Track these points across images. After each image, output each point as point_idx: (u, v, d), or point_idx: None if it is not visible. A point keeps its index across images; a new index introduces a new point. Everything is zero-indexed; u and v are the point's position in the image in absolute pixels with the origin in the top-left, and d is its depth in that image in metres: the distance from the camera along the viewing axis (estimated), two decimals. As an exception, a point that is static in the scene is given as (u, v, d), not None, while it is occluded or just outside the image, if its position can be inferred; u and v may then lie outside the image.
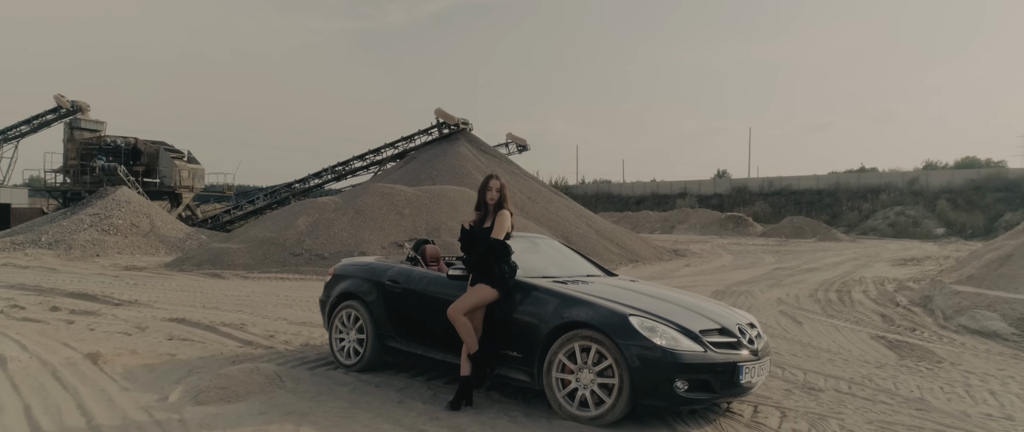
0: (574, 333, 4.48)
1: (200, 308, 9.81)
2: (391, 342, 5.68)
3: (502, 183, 5.01)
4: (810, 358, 7.09)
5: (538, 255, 5.80)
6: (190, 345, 6.97)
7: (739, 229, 40.23)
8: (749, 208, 48.40)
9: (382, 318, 5.72)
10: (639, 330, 4.30)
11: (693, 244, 29.93)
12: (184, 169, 35.72)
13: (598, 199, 57.71)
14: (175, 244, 23.32)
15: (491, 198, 4.96)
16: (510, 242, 5.00)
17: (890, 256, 23.73)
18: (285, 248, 17.31)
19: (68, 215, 25.44)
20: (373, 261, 6.19)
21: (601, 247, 21.20)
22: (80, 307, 9.51)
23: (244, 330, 7.90)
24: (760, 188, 53.77)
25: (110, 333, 7.58)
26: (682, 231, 41.24)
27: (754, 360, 4.54)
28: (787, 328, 8.96)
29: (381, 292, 5.75)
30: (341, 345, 6.02)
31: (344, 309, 6.02)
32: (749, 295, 12.39)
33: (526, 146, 34.72)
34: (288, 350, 6.82)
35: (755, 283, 14.60)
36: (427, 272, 5.59)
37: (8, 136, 38.26)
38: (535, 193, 25.37)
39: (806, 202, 49.33)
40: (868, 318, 9.98)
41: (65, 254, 20.84)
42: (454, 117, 28.67)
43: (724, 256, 23.58)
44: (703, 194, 55.09)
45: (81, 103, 36.33)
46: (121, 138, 35.50)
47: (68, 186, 33.13)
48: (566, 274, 5.50)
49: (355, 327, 5.92)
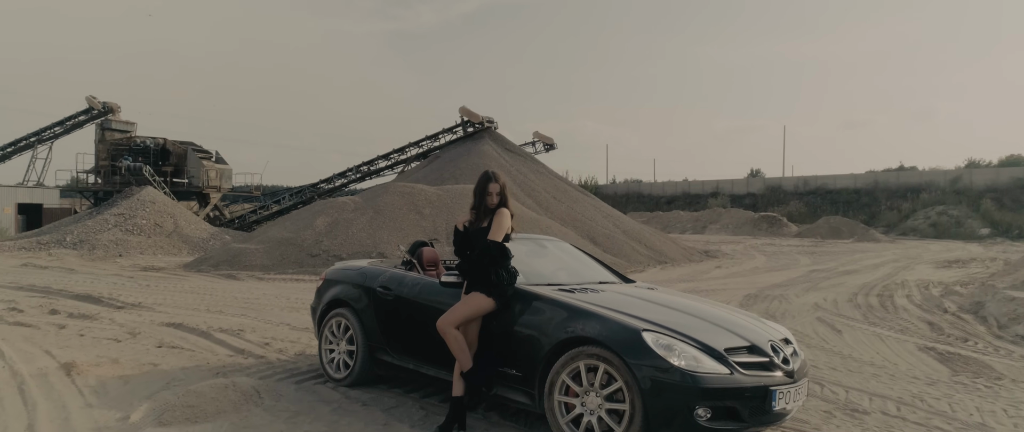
0: (579, 350, 3.88)
1: (203, 312, 9.41)
2: (382, 355, 5.15)
3: (502, 183, 4.44)
4: (852, 373, 6.40)
5: (544, 259, 5.21)
6: (177, 354, 6.52)
7: (773, 229, 39.10)
8: (783, 208, 47.13)
9: (373, 328, 5.19)
10: (653, 348, 3.69)
11: (725, 245, 29.03)
12: (212, 169, 35.82)
13: (628, 199, 56.79)
14: (198, 244, 23.16)
15: (491, 202, 4.40)
16: (510, 245, 4.44)
17: (933, 258, 22.63)
18: (303, 249, 16.94)
19: (93, 215, 25.48)
20: (366, 265, 5.66)
21: (628, 248, 20.52)
22: (80, 310, 9.16)
23: (240, 337, 7.45)
24: (795, 187, 52.39)
25: (99, 339, 7.18)
26: (714, 231, 40.22)
27: (789, 383, 3.90)
28: (825, 337, 8.26)
29: (372, 300, 5.22)
30: (330, 357, 5.51)
31: (334, 318, 5.50)
32: (783, 300, 11.65)
33: (553, 145, 34.11)
34: (280, 360, 6.33)
35: (790, 286, 13.83)
36: (420, 278, 5.03)
37: (42, 137, 38.74)
38: (561, 192, 24.74)
39: (843, 201, 47.89)
40: (914, 326, 9.21)
41: (88, 254, 20.77)
42: (478, 115, 28.16)
43: (757, 257, 22.72)
44: (736, 193, 53.86)
45: (112, 104, 36.64)
46: (150, 139, 35.74)
47: (99, 186, 33.37)
48: (575, 281, 4.90)
49: (345, 337, 5.40)
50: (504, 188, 4.43)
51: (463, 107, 28.35)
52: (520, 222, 18.90)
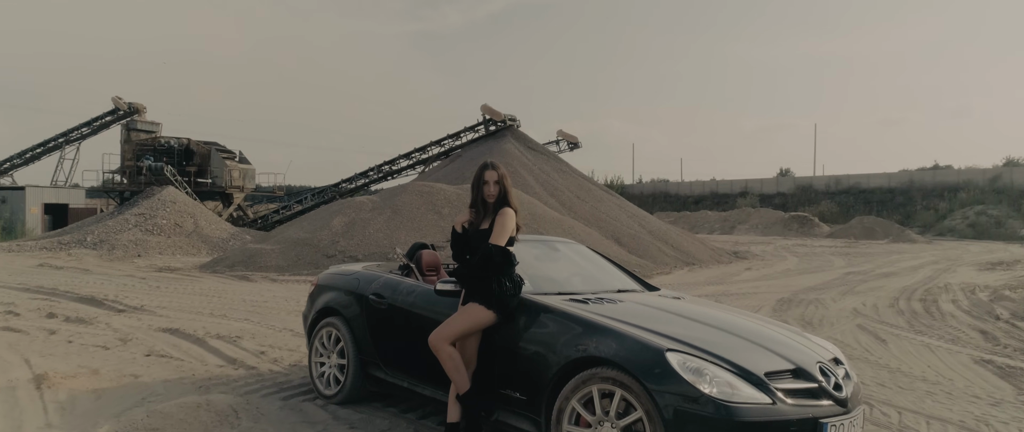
0: (592, 373, 3.31)
1: (206, 316, 8.98)
2: (375, 371, 4.62)
3: (502, 173, 3.89)
4: (903, 390, 5.74)
5: (556, 264, 4.64)
6: (163, 364, 6.06)
7: (804, 230, 38.05)
8: (815, 208, 45.95)
9: (365, 340, 4.66)
10: (679, 371, 3.10)
11: (754, 245, 28.16)
12: (235, 169, 35.78)
13: (655, 199, 55.90)
14: (217, 244, 22.91)
15: (489, 193, 3.85)
16: (515, 249, 3.89)
17: (974, 259, 21.62)
18: (318, 249, 16.54)
19: (114, 215, 25.40)
20: (360, 270, 5.12)
21: (655, 249, 19.84)
22: (79, 314, 8.78)
23: (236, 344, 6.98)
24: (826, 186, 51.11)
25: (87, 347, 6.75)
26: (743, 232, 39.26)
27: (842, 413, 3.28)
28: (869, 347, 7.57)
29: (364, 308, 4.69)
30: (321, 371, 4.99)
31: (324, 327, 4.98)
32: (819, 305, 10.94)
33: (578, 144, 33.45)
34: (272, 372, 5.84)
35: (825, 290, 13.09)
36: (417, 285, 4.49)
37: (70, 138, 39.01)
38: (585, 192, 24.11)
39: (876, 201, 46.60)
40: (965, 335, 8.47)
41: (107, 254, 20.60)
42: (500, 113, 27.62)
43: (789, 259, 21.89)
44: (765, 193, 52.71)
45: (138, 105, 36.79)
46: (174, 139, 35.82)
47: (125, 186, 33.46)
48: (590, 289, 4.31)
49: (336, 350, 4.88)
50: (504, 179, 3.88)
51: (485, 105, 27.84)
52: (542, 222, 18.24)
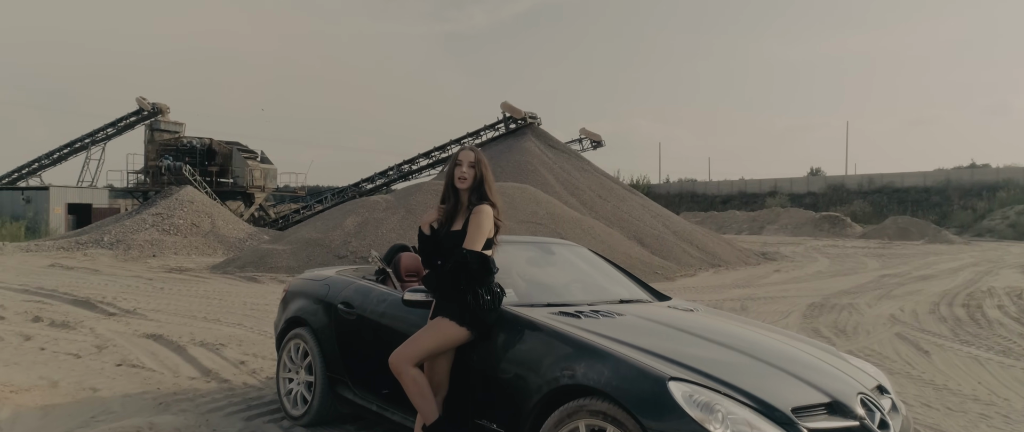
0: (579, 405, 2.69)
1: (198, 321, 8.53)
2: (344, 390, 4.06)
3: (478, 157, 3.30)
4: (953, 412, 5.05)
5: (550, 270, 4.03)
6: (131, 375, 5.57)
7: (836, 230, 36.90)
8: (846, 207, 44.68)
9: (334, 355, 4.10)
10: (684, 406, 2.48)
11: (784, 246, 27.24)
12: (256, 169, 35.72)
13: (682, 198, 54.88)
14: (234, 244, 22.64)
15: (461, 181, 3.26)
16: (500, 252, 3.31)
17: (1016, 261, 20.55)
18: (330, 249, 16.10)
19: (132, 215, 25.28)
20: (332, 275, 4.55)
21: (679, 249, 19.10)
22: (66, 318, 8.37)
23: (218, 352, 6.49)
24: (859, 186, 49.74)
25: (58, 355, 6.30)
26: (772, 232, 38.21)
27: (890, 457, 2.65)
28: (910, 360, 6.86)
29: (333, 319, 4.13)
30: (288, 388, 4.45)
31: (293, 340, 4.43)
32: (853, 310, 10.20)
33: (601, 142, 32.75)
34: (245, 386, 5.32)
35: (859, 294, 12.31)
36: (390, 293, 3.90)
37: (95, 139, 39.23)
38: (607, 191, 23.42)
39: (911, 201, 45.21)
40: (1018, 346, 7.70)
41: (123, 254, 20.40)
42: (521, 111, 27.03)
43: (820, 260, 21.00)
44: (795, 192, 51.46)
45: (161, 105, 36.91)
46: (197, 139, 35.89)
47: (149, 186, 33.52)
48: (587, 299, 3.69)
49: (304, 365, 4.33)
50: (481, 163, 3.28)
51: (505, 102, 27.28)
52: (561, 222, 17.57)
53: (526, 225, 16.24)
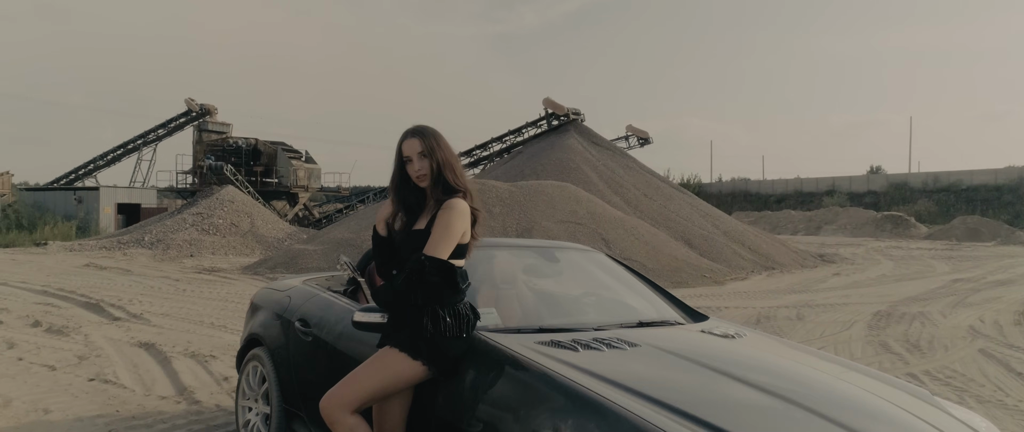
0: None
1: (203, 327, 7.97)
2: (300, 426, 3.32)
3: (428, 140, 2.46)
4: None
5: (552, 282, 3.21)
6: (98, 393, 4.96)
7: (899, 231, 34.99)
8: (910, 207, 42.46)
9: (289, 382, 3.37)
10: None
11: (843, 248, 25.74)
12: (301, 169, 35.76)
13: (734, 198, 53.13)
14: (272, 244, 22.39)
15: (417, 172, 2.46)
16: (475, 260, 2.52)
17: (1104, 265, 18.84)
18: (361, 249, 15.53)
19: (173, 215, 25.31)
20: (297, 285, 3.81)
21: (729, 251, 18.00)
22: (65, 322, 7.89)
23: (205, 365, 5.86)
24: (923, 184, 47.30)
25: (32, 366, 5.75)
26: (830, 232, 36.47)
27: None
28: (1001, 383, 5.82)
29: (290, 340, 3.40)
30: (246, 418, 3.73)
31: (251, 361, 3.72)
32: (926, 320, 9.09)
33: (648, 139, 31.70)
34: (218, 408, 4.66)
35: (930, 301, 11.13)
36: (350, 310, 3.15)
37: (147, 140, 39.85)
38: (652, 189, 22.39)
39: (980, 200, 42.71)
40: None
41: (161, 254, 20.29)
42: (564, 107, 26.18)
43: (883, 262, 19.61)
44: (854, 191, 49.25)
45: (209, 106, 37.28)
46: (242, 139, 36.09)
47: (196, 186, 33.80)
48: (594, 322, 2.83)
49: (262, 392, 3.61)
50: (439, 149, 2.45)
51: (547, 98, 26.45)
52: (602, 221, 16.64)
53: (564, 225, 15.41)
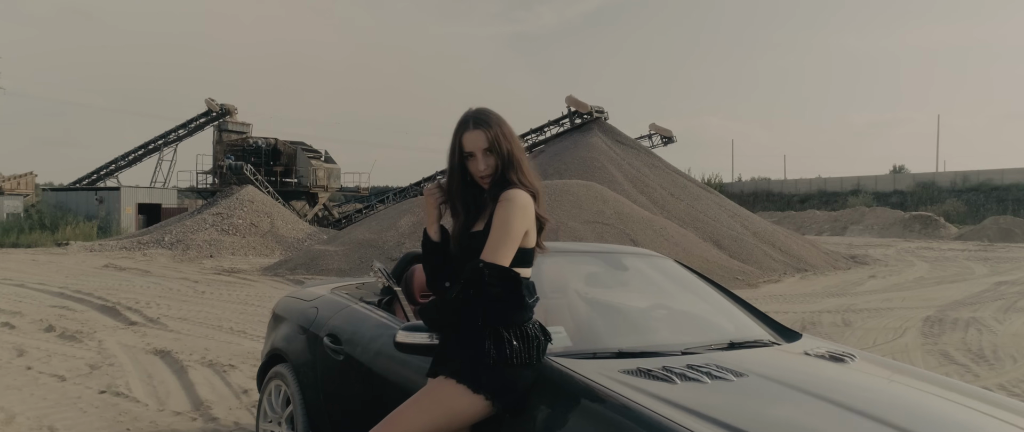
0: None
1: (222, 332, 7.64)
2: (330, 455, 2.93)
3: (502, 131, 2.04)
4: None
5: (622, 293, 2.80)
6: (107, 407, 4.62)
7: (928, 231, 34.15)
8: (938, 207, 41.53)
9: (318, 406, 2.98)
10: None
11: (872, 248, 25.07)
12: (320, 169, 35.60)
13: (756, 197, 52.35)
14: (292, 244, 22.15)
15: (482, 172, 2.06)
16: (538, 269, 2.10)
17: None
18: (383, 251, 15.21)
19: (193, 215, 25.16)
20: (325, 294, 3.41)
21: (759, 252, 17.46)
22: (79, 327, 7.60)
23: (223, 376, 5.51)
24: (951, 183, 46.30)
25: (41, 376, 5.43)
26: (856, 232, 35.69)
27: None
28: (1085, 400, 5.32)
29: (317, 357, 3.01)
30: (268, 442, 3.36)
31: (273, 380, 3.34)
32: (982, 327, 8.57)
33: (672, 138, 31.16)
34: (236, 426, 4.30)
35: (979, 305, 10.58)
36: (390, 325, 2.74)
37: (168, 140, 39.88)
38: (679, 189, 21.88)
39: (1011, 199, 41.71)
40: None
41: (181, 254, 20.10)
42: (587, 105, 25.73)
43: (917, 264, 18.98)
44: (880, 191, 48.32)
45: (230, 106, 37.22)
46: (262, 139, 36.00)
47: (216, 186, 33.73)
48: (679, 343, 2.35)
49: (285, 414, 3.22)
50: (504, 137, 2.04)
51: (570, 96, 26.01)
52: (629, 222, 16.17)
53: (591, 226, 14.96)
